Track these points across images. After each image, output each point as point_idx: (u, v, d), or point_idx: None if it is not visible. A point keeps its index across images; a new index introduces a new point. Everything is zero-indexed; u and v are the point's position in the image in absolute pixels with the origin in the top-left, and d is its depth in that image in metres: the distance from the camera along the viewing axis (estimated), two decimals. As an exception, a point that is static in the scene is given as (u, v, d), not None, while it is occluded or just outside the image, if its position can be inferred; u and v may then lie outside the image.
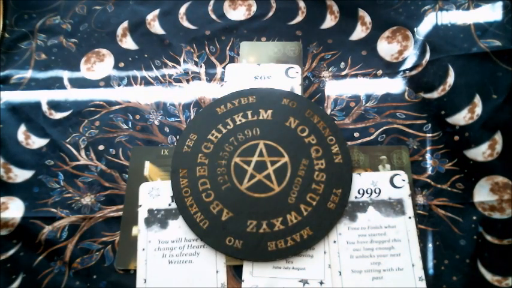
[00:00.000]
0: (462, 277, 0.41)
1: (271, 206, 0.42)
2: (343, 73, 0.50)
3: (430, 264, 0.41)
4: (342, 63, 0.51)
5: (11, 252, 0.44)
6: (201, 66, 0.52)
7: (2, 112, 0.50)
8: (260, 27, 0.54)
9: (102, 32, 0.55)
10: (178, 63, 0.52)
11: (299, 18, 0.54)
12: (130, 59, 0.53)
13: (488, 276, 0.41)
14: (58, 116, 0.50)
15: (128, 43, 0.54)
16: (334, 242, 0.42)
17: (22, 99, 0.51)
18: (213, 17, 0.55)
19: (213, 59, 0.52)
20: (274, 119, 0.47)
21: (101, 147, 0.48)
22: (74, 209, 0.45)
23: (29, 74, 0.52)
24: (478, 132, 0.45)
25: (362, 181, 0.44)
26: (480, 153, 0.44)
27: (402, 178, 0.44)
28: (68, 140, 0.48)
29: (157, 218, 0.43)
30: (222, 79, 0.51)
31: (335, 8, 0.54)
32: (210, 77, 0.51)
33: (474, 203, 0.43)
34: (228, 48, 0.53)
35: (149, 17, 0.55)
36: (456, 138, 0.46)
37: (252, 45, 0.52)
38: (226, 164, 0.44)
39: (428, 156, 0.46)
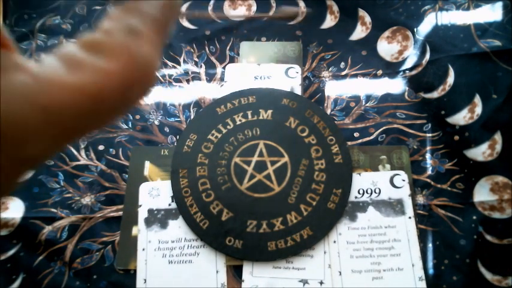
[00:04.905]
0: (462, 277, 0.41)
1: (271, 206, 0.42)
2: (343, 73, 0.50)
3: (430, 264, 0.41)
4: (342, 63, 0.51)
5: (11, 252, 0.44)
6: (201, 66, 0.52)
7: (2, 112, 0.50)
8: (260, 27, 0.53)
9: (102, 32, 0.55)
10: (178, 63, 0.52)
11: (299, 18, 0.54)
12: (130, 59, 0.53)
13: (488, 276, 0.41)
14: (58, 116, 0.50)
15: (128, 43, 0.54)
16: (334, 242, 0.42)
17: (22, 99, 0.50)
18: (213, 17, 0.55)
19: (213, 59, 0.52)
20: (274, 119, 0.47)
21: (101, 147, 0.48)
22: (74, 209, 0.45)
23: (29, 74, 0.52)
24: (478, 132, 0.45)
25: (362, 181, 0.44)
26: (480, 153, 0.44)
27: (402, 178, 0.44)
28: (68, 140, 0.48)
29: (157, 218, 0.43)
30: (222, 79, 0.51)
31: (335, 8, 0.54)
32: (210, 77, 0.51)
33: (474, 202, 0.43)
34: (228, 48, 0.53)
35: (149, 17, 0.55)
36: (456, 138, 0.46)
37: (252, 45, 0.52)
38: (226, 164, 0.44)
39: (428, 156, 0.46)
